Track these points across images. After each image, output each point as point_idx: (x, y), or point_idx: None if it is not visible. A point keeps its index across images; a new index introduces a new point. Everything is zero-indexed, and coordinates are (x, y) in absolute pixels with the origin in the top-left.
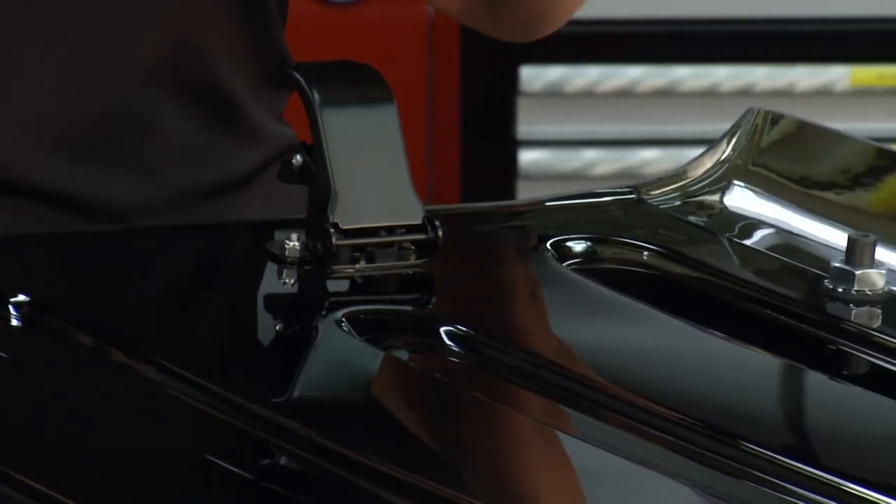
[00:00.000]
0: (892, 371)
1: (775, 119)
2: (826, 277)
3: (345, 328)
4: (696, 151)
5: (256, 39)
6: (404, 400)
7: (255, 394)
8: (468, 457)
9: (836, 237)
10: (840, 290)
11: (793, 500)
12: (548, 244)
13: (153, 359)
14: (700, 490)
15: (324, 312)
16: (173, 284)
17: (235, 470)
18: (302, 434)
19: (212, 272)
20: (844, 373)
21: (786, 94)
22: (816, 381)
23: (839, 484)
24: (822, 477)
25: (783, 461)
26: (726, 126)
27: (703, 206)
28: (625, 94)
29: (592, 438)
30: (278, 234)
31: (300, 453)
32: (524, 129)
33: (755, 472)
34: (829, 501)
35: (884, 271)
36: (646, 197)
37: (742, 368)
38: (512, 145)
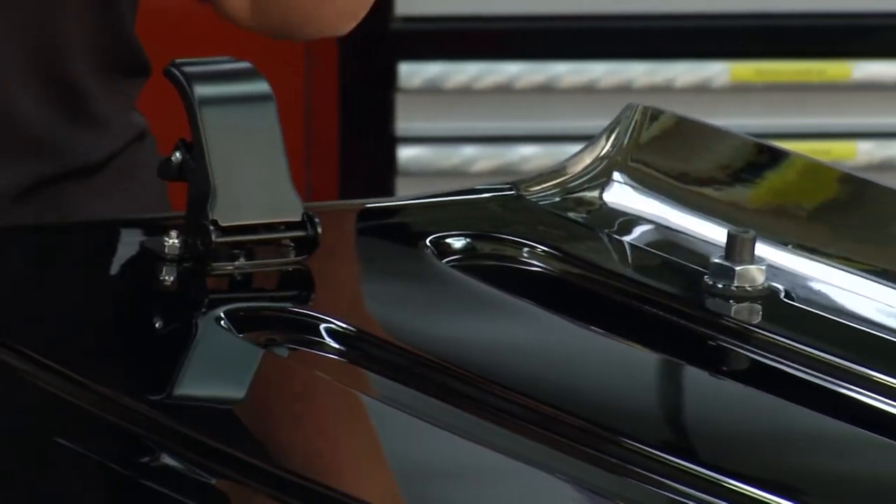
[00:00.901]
0: (772, 367)
1: (654, 115)
2: (706, 273)
3: (224, 325)
4: (575, 148)
5: (107, 31)
6: (283, 396)
7: (134, 390)
8: (343, 452)
9: (715, 233)
10: (720, 286)
11: (672, 495)
12: (427, 241)
13: (29, 354)
14: (579, 486)
15: (203, 309)
16: (52, 281)
17: (113, 466)
18: (179, 430)
19: (91, 269)
20: (724, 369)
21: (665, 90)
22: (696, 377)
23: (719, 480)
24: (701, 472)
25: (662, 457)
26: (605, 122)
27: (582, 202)
28: (503, 91)
29: (469, 434)
30: (158, 232)
31: (178, 450)
32: (403, 125)
33: (634, 468)
34: (708, 497)
35: (763, 267)
36: (525, 193)
37: (622, 365)
38: (391, 142)
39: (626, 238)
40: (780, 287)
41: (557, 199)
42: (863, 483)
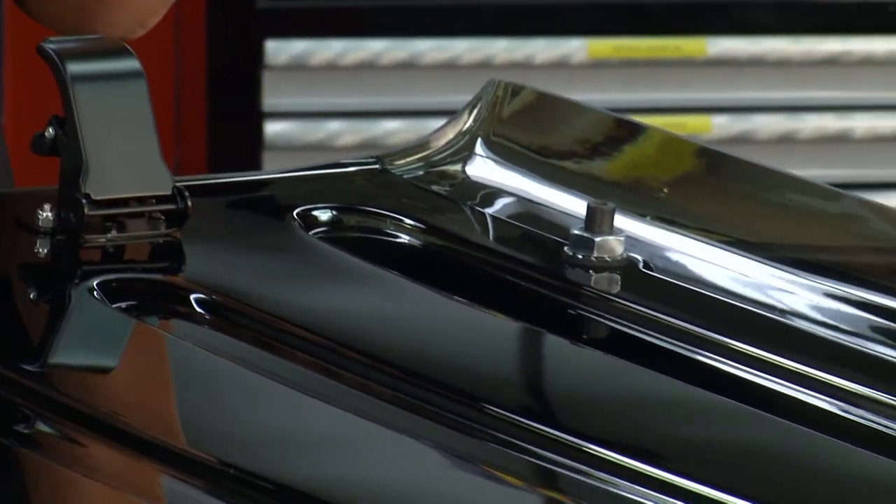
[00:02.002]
0: (630, 335)
1: (515, 90)
2: (566, 244)
3: (97, 296)
4: (437, 122)
5: None
6: (154, 364)
7: (8, 360)
8: (213, 418)
9: (575, 205)
10: (580, 256)
11: (533, 460)
12: (294, 214)
13: None
14: (442, 451)
15: (76, 281)
16: None
17: None
18: (53, 399)
19: None
20: (584, 337)
21: (524, 66)
22: (557, 345)
23: (579, 445)
24: (562, 438)
25: (524, 423)
26: (467, 98)
27: (445, 175)
28: (368, 67)
29: (333, 401)
30: (31, 205)
31: (53, 418)
32: (270, 101)
33: (496, 434)
34: (569, 461)
35: (622, 238)
36: (390, 167)
37: (484, 334)
38: (258, 117)
39: (489, 210)
40: (639, 257)
41: (421, 172)
42: (719, 448)
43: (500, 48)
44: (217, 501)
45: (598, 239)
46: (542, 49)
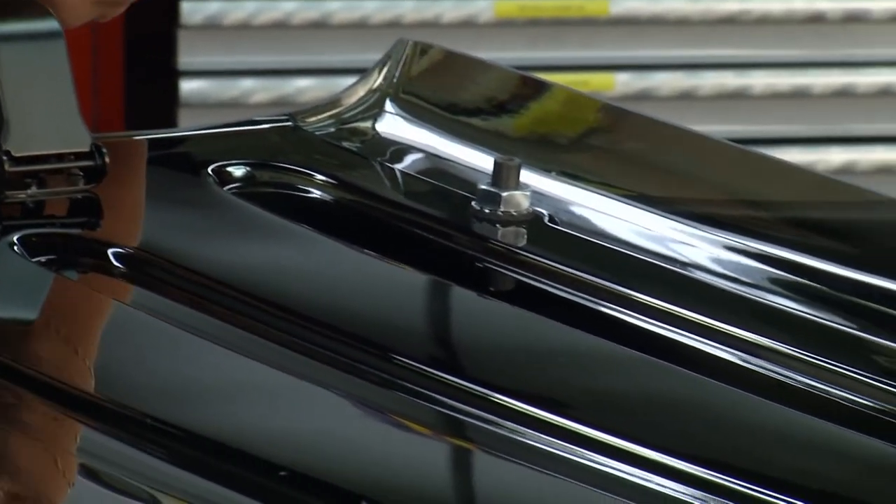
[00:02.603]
0: (536, 287)
1: (424, 49)
2: (473, 199)
3: (17, 250)
4: (348, 80)
5: None
6: (73, 318)
7: None
8: (131, 370)
9: (482, 161)
10: (487, 211)
11: (442, 409)
12: (209, 170)
13: None
14: (353, 401)
15: None
16: None
17: None
18: None
19: None
20: (491, 289)
21: (432, 25)
22: (465, 297)
23: (486, 394)
24: (470, 388)
25: (434, 373)
26: (377, 56)
27: (356, 132)
28: (280, 27)
29: (248, 352)
30: None
31: None
32: (185, 60)
33: (406, 384)
34: (477, 411)
35: (528, 193)
36: (302, 124)
37: (394, 286)
38: (173, 76)
39: (398, 166)
40: (544, 212)
41: (332, 129)
42: (623, 398)
43: (409, 8)
44: (132, 450)
45: (504, 194)
46: (449, 9)
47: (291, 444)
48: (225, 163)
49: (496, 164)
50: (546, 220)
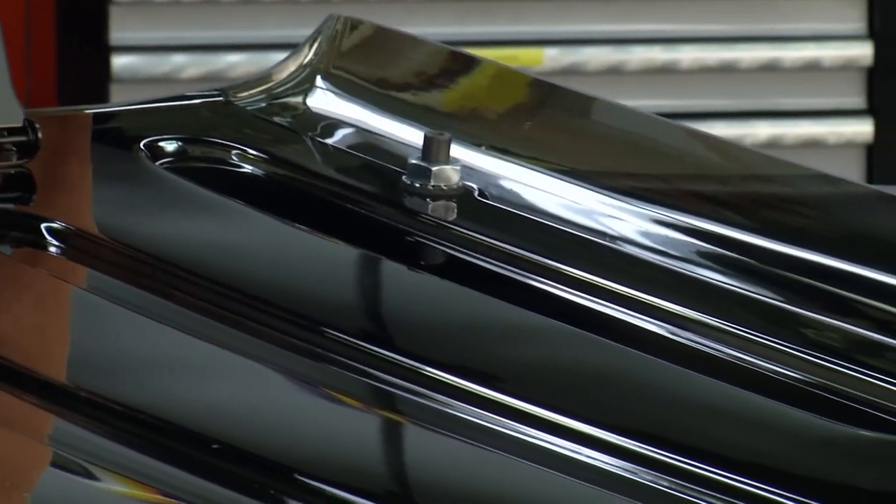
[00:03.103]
0: (466, 260)
1: (354, 25)
2: (404, 173)
3: None
4: (279, 56)
5: None
6: (6, 292)
7: None
8: (63, 342)
9: (413, 135)
10: (417, 185)
11: (373, 382)
12: (141, 145)
13: None
14: (286, 374)
15: None
16: None
17: None
18: None
19: None
20: (422, 263)
21: (363, 0)
22: (396, 271)
23: (417, 367)
24: (400, 361)
25: (364, 346)
26: (307, 32)
27: (287, 107)
28: (211, 2)
29: (181, 326)
30: None
31: None
32: (116, 35)
33: (338, 358)
34: (408, 384)
35: (458, 167)
36: (233, 99)
37: (326, 260)
38: (105, 51)
39: (329, 141)
40: (474, 186)
41: (263, 104)
42: (552, 371)
43: None
44: (63, 422)
45: (434, 168)
46: None
47: (223, 418)
48: (157, 138)
49: (426, 138)
50: (476, 194)
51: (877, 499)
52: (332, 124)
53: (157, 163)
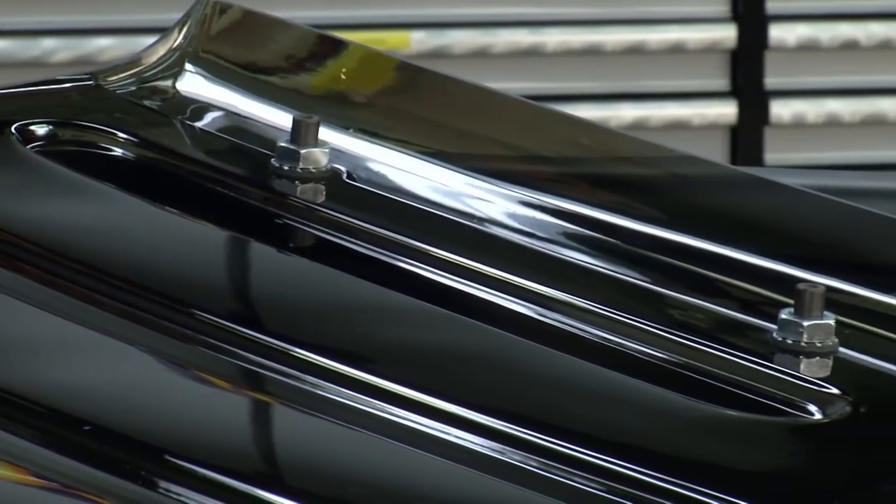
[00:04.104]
0: (335, 242)
1: (223, 8)
2: (273, 156)
3: None
4: (149, 40)
5: None
6: None
7: None
8: None
9: (282, 118)
10: (286, 168)
11: (244, 364)
12: (12, 128)
13: None
14: (157, 356)
15: None
16: None
17: None
18: None
19: None
20: (291, 245)
21: None
22: (265, 253)
23: (286, 349)
24: (270, 342)
25: (234, 328)
26: (177, 15)
27: (157, 90)
28: None
29: (50, 308)
30: None
31: None
32: None
33: (208, 339)
34: (278, 365)
35: (327, 150)
36: (103, 83)
37: (196, 243)
38: None
39: (199, 124)
40: (343, 168)
41: (134, 88)
42: (421, 351)
43: None
44: None
45: (303, 151)
46: None
47: (95, 399)
48: (28, 122)
49: (295, 121)
50: (344, 176)
51: (741, 476)
52: (202, 108)
53: (29, 146)
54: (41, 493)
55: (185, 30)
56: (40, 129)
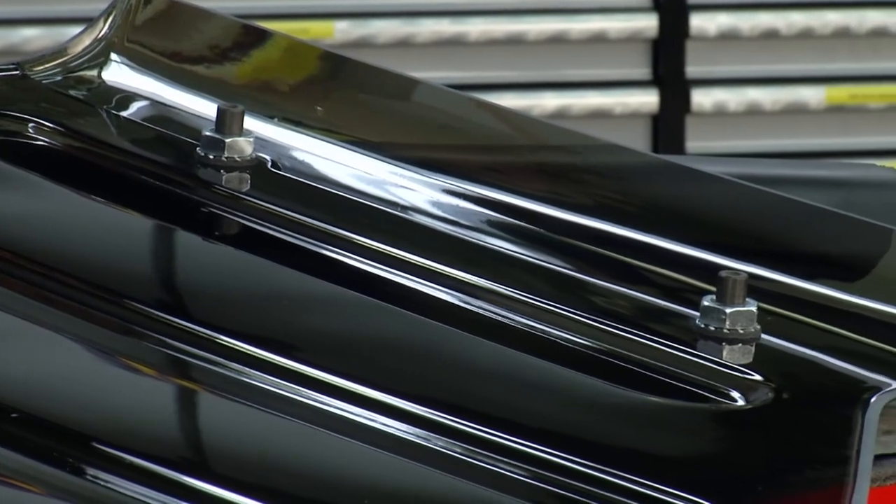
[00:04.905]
0: (260, 231)
1: None
2: (198, 146)
3: None
4: (75, 30)
5: None
6: None
7: None
8: None
9: (207, 108)
10: (211, 157)
11: (170, 351)
12: None
13: None
14: (84, 344)
15: None
16: None
17: None
18: None
19: None
20: (216, 234)
21: None
22: (190, 242)
23: (212, 336)
24: (195, 330)
25: (160, 316)
26: (103, 5)
27: (83, 80)
28: None
29: None
30: None
31: None
32: None
33: (135, 328)
34: (203, 353)
35: (251, 139)
36: (30, 73)
37: (121, 231)
38: None
39: (125, 114)
40: (268, 157)
41: (60, 77)
42: (346, 339)
43: None
44: None
45: (228, 140)
46: None
47: (21, 387)
48: None
49: (219, 111)
50: (269, 165)
51: (664, 462)
52: (128, 97)
53: None
54: None
55: (110, 20)
56: None
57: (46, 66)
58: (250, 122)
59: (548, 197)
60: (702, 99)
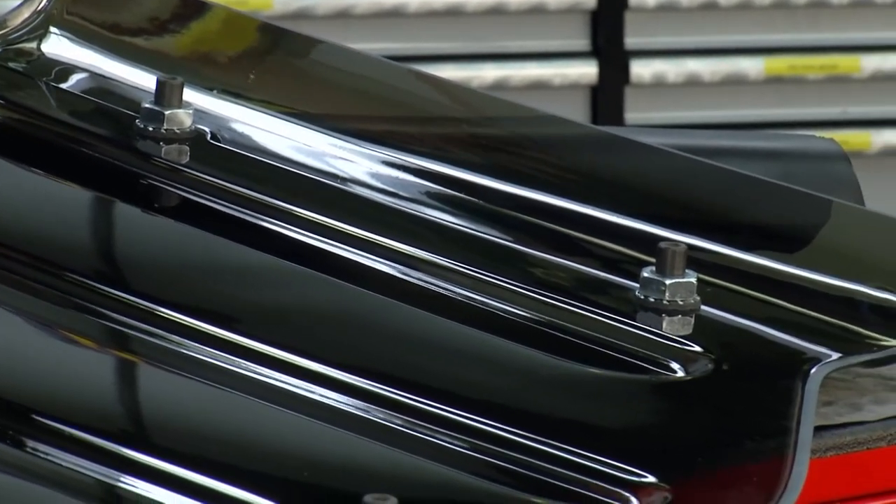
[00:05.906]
0: (199, 203)
1: None
2: (137, 118)
3: None
4: (14, 2)
5: None
6: None
7: None
8: None
9: (146, 80)
10: (150, 129)
11: (108, 323)
12: None
13: None
14: (23, 316)
15: None
16: None
17: None
18: None
19: None
20: (156, 206)
21: None
22: (129, 214)
23: (151, 308)
24: (135, 302)
25: (99, 288)
26: None
27: (22, 52)
28: None
29: None
30: None
31: None
32: None
33: (73, 299)
34: (142, 324)
35: (191, 111)
36: None
37: (62, 204)
38: None
39: (64, 86)
40: (207, 129)
41: None
42: (285, 310)
43: None
44: None
45: (167, 112)
46: None
47: None
48: None
49: (159, 82)
50: (208, 137)
51: (603, 434)
52: (67, 69)
53: None
54: None
55: None
56: None
57: None
58: (190, 94)
59: (487, 168)
60: (641, 70)
